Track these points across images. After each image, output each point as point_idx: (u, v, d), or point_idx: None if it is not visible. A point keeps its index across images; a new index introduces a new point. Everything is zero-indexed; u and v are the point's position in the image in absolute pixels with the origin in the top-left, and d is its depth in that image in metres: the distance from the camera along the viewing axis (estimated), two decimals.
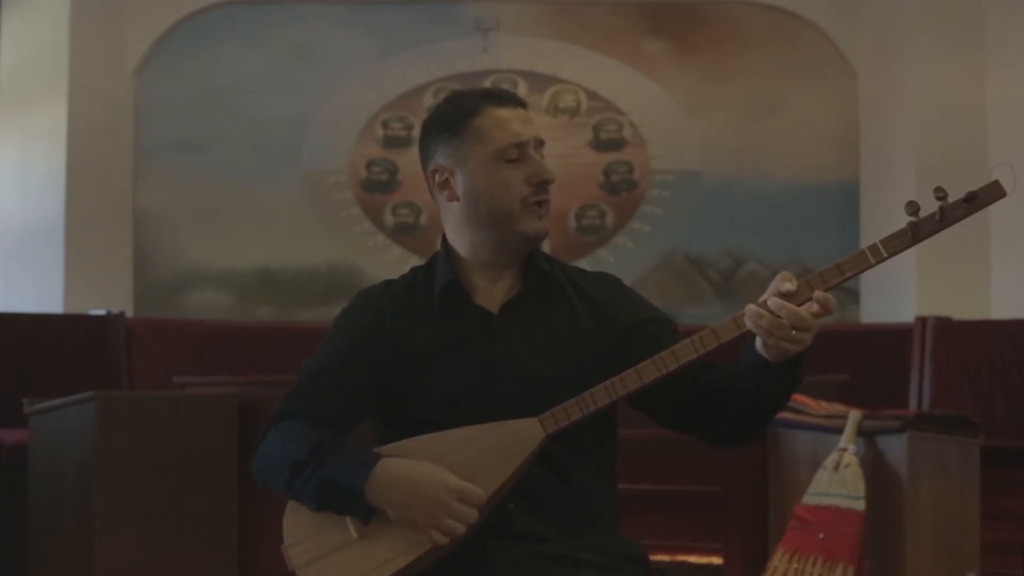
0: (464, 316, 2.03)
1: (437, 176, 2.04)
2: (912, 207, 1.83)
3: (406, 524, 1.86)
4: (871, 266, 1.85)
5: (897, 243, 1.84)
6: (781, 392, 1.92)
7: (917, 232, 1.84)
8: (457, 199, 2.03)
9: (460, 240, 2.06)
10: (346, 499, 1.89)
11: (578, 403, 1.90)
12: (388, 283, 2.12)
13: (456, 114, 2.03)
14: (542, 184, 2.02)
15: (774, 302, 1.79)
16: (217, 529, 4.10)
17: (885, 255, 1.84)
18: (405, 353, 2.02)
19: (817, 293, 1.80)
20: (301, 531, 1.93)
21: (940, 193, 1.83)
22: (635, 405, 2.02)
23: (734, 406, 1.95)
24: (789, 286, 1.81)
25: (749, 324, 1.80)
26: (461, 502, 1.86)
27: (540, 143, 2.04)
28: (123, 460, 3.93)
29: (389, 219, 6.19)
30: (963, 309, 5.44)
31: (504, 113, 2.01)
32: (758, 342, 1.85)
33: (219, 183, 6.16)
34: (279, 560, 1.95)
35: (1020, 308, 5.44)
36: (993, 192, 1.84)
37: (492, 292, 2.05)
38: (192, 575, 4.04)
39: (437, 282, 2.05)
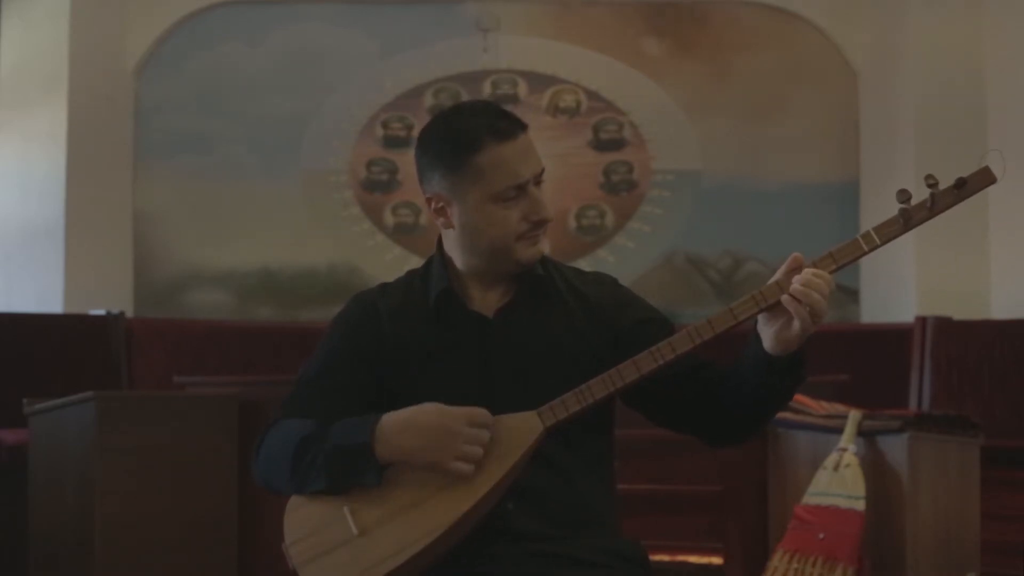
0: (460, 321, 2.04)
1: (433, 203, 2.03)
2: (903, 195, 1.85)
3: (425, 467, 1.87)
4: (864, 253, 1.86)
5: (889, 230, 1.86)
6: (785, 390, 1.92)
7: (909, 219, 1.85)
8: (453, 227, 2.02)
9: (455, 256, 2.06)
10: (357, 461, 1.88)
11: (576, 396, 1.90)
12: (384, 286, 2.12)
13: (456, 146, 1.98)
14: (539, 223, 2.01)
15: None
16: (217, 529, 4.10)
17: (878, 242, 1.85)
18: (402, 357, 2.02)
19: (808, 269, 1.83)
20: (302, 529, 1.92)
21: (931, 180, 1.84)
22: (632, 403, 2.03)
23: (734, 403, 1.96)
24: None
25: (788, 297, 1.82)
26: (471, 425, 1.86)
27: (540, 173, 2.01)
28: (123, 460, 3.93)
29: (389, 219, 6.18)
30: (963, 309, 5.44)
31: (506, 151, 1.97)
32: (765, 340, 1.85)
33: (219, 183, 6.16)
34: (279, 560, 1.95)
35: (1020, 308, 5.44)
36: (983, 178, 1.85)
37: (487, 297, 2.05)
38: (192, 575, 4.04)
39: (432, 288, 2.06)
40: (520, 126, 2.00)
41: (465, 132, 1.99)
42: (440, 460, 1.86)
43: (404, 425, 1.89)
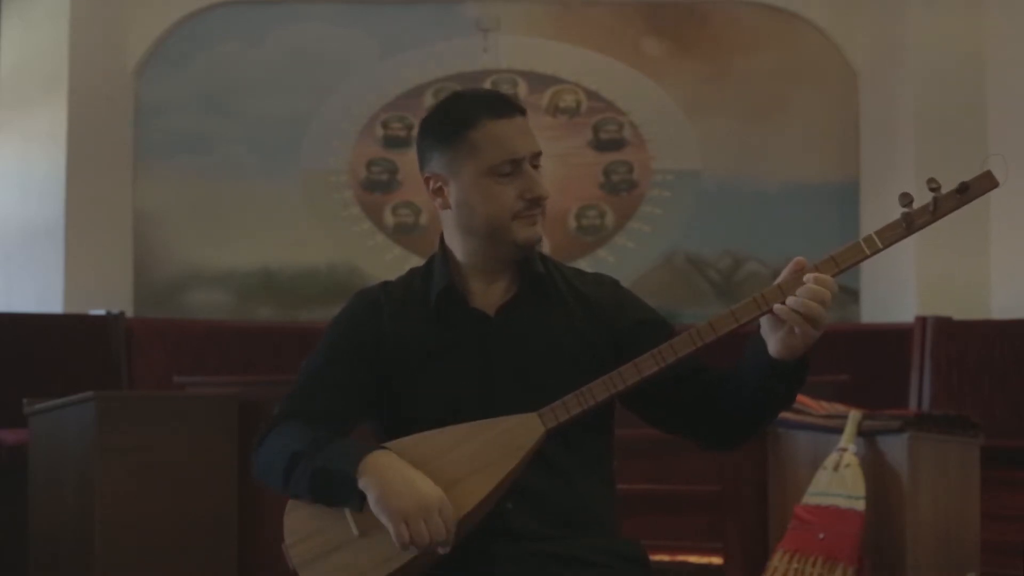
0: (461, 319, 2.04)
1: (431, 183, 2.04)
2: (905, 198, 1.84)
3: (379, 510, 1.83)
4: (866, 257, 1.86)
5: (891, 234, 1.86)
6: (785, 394, 1.92)
7: (911, 223, 1.85)
8: (450, 207, 2.03)
9: (456, 244, 2.06)
10: (338, 485, 1.87)
11: (577, 398, 1.90)
12: (386, 284, 2.12)
13: (452, 123, 2.01)
14: (535, 201, 2.01)
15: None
16: (217, 529, 4.10)
17: (880, 246, 1.85)
18: (403, 355, 2.02)
19: (809, 275, 1.82)
20: (302, 530, 1.92)
21: (933, 184, 1.84)
22: (630, 405, 2.02)
23: (733, 407, 1.96)
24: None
25: (784, 307, 1.81)
26: (441, 517, 1.82)
27: (537, 155, 2.02)
28: (123, 460, 3.93)
29: (389, 219, 6.19)
30: (963, 309, 5.44)
31: (501, 127, 1.99)
32: (771, 344, 1.85)
33: (219, 183, 6.16)
34: (279, 560, 1.95)
35: (1020, 308, 5.45)
36: (985, 182, 1.85)
37: (488, 295, 2.05)
38: (192, 575, 4.04)
39: (433, 286, 2.06)
40: (518, 109, 2.03)
41: (462, 111, 2.02)
42: (395, 515, 1.81)
43: (397, 469, 1.85)
